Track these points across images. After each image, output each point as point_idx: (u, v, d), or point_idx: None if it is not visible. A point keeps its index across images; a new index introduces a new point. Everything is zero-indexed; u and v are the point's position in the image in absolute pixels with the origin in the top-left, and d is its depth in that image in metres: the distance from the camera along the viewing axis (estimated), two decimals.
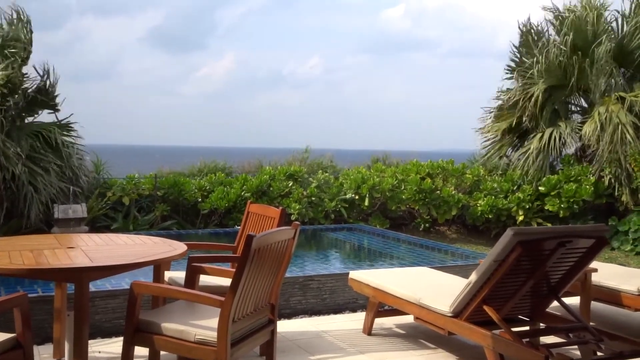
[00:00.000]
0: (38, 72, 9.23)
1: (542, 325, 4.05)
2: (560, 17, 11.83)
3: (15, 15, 8.93)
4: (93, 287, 4.63)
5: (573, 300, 4.51)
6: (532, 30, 12.22)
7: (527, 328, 3.98)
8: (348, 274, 4.94)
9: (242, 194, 10.20)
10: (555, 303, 3.93)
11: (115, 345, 4.28)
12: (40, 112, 9.35)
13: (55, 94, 9.31)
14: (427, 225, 11.02)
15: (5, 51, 8.55)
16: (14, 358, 2.81)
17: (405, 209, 11.19)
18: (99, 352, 4.13)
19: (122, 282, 4.96)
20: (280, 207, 4.38)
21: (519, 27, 12.28)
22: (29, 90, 8.88)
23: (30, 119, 9.22)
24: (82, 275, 3.17)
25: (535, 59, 11.58)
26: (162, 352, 3.59)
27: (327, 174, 11.74)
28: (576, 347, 4.04)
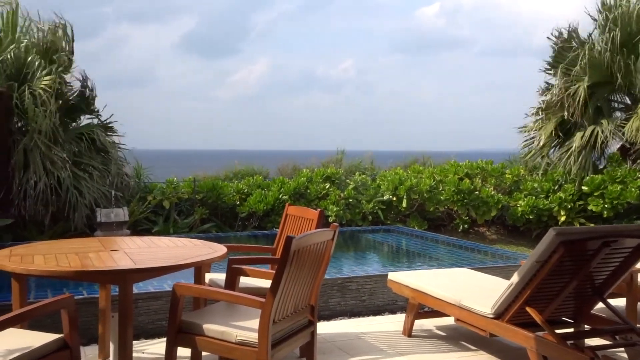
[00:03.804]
0: (79, 81, 9.50)
1: (586, 327, 3.97)
2: (604, 13, 11.56)
3: (57, 24, 9.19)
4: (136, 289, 4.71)
5: (619, 302, 4.40)
6: (573, 27, 11.99)
7: (571, 330, 3.91)
8: (387, 275, 4.92)
9: (280, 196, 10.26)
10: (600, 304, 3.85)
11: (158, 346, 4.35)
12: (82, 117, 9.61)
13: (96, 102, 9.61)
14: (466, 226, 10.90)
15: (50, 59, 8.81)
16: (62, 358, 2.88)
17: (443, 210, 11.09)
18: (143, 352, 4.20)
19: (163, 284, 5.04)
20: (319, 209, 4.39)
21: (559, 33, 12.05)
22: (71, 98, 9.10)
23: (73, 124, 9.46)
24: (126, 277, 3.23)
25: (578, 56, 11.35)
26: (203, 353, 3.64)
27: (364, 175, 11.72)
28: (623, 349, 3.94)
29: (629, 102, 11.87)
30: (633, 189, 10.16)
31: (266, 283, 3.85)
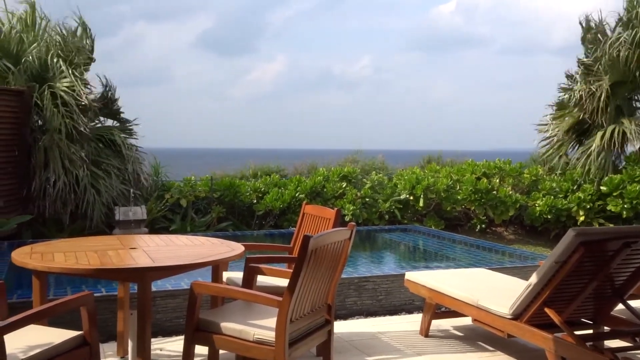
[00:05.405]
0: (102, 82, 9.58)
1: (606, 328, 3.93)
2: (627, 10, 11.39)
3: (77, 24, 9.29)
4: (153, 287, 4.73)
5: (639, 304, 4.36)
6: (594, 24, 11.84)
7: (590, 331, 3.87)
8: (404, 275, 4.91)
9: (297, 195, 10.27)
10: (620, 306, 3.81)
11: (175, 343, 4.38)
12: (103, 119, 9.69)
13: (119, 104, 9.67)
14: (483, 226, 10.83)
15: (70, 60, 8.89)
16: (82, 355, 2.91)
17: (460, 209, 11.03)
18: (160, 350, 4.23)
19: (181, 282, 5.07)
20: (336, 208, 4.39)
21: (580, 23, 11.92)
22: (92, 98, 9.18)
23: (92, 124, 9.54)
24: (144, 275, 3.26)
25: (599, 55, 11.21)
26: (221, 351, 3.66)
27: (380, 174, 11.70)
28: None
29: None
30: None
31: (283, 282, 3.86)
